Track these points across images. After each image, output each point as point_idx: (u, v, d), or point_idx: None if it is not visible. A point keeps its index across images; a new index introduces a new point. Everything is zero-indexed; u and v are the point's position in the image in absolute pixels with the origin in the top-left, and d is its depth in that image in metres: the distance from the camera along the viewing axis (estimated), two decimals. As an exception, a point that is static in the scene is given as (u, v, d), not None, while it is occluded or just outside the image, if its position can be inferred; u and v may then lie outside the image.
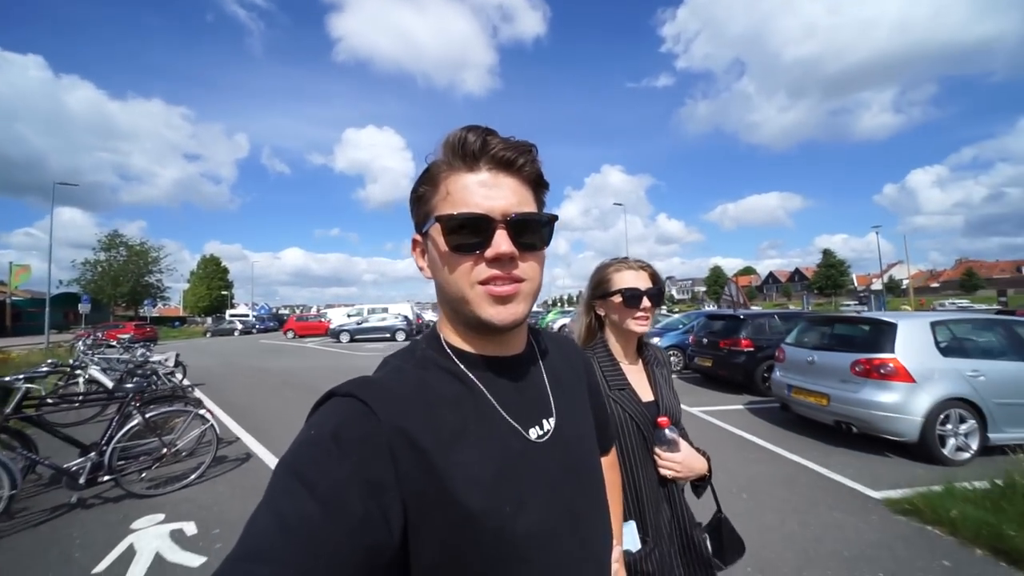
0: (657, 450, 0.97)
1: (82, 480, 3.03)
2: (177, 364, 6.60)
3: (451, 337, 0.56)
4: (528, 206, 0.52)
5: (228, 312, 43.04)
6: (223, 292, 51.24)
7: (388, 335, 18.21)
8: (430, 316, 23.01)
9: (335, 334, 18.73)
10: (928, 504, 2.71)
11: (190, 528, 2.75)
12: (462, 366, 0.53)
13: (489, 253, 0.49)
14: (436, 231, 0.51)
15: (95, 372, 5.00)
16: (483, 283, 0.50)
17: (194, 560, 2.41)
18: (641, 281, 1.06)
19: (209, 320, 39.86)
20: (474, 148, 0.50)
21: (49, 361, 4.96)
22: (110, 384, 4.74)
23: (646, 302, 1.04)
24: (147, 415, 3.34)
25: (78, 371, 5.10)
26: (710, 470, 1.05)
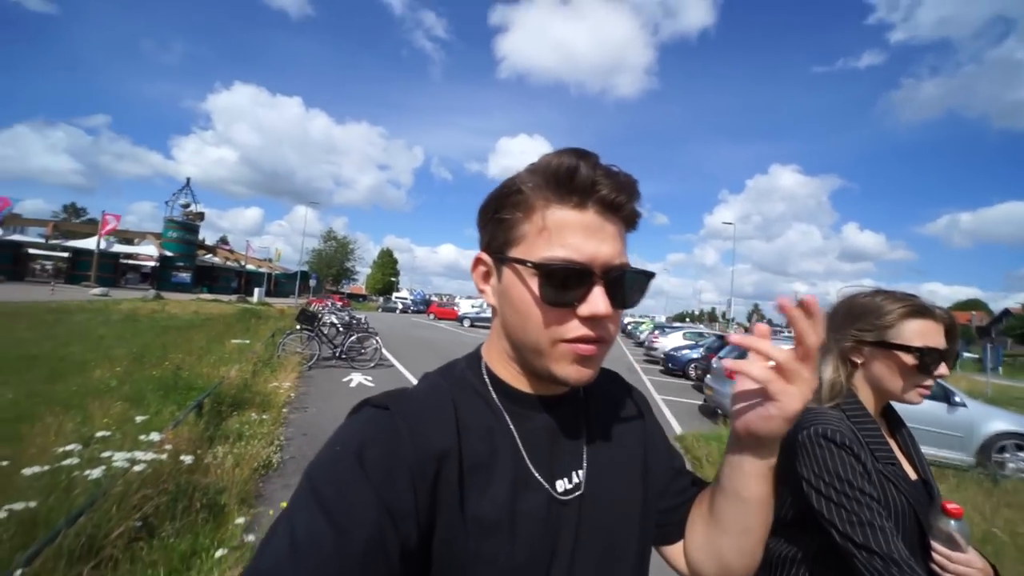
0: (939, 548, 0.72)
1: (335, 357, 7.63)
2: (367, 326, 11.68)
3: (494, 365, 0.52)
4: (625, 257, 0.47)
5: (394, 294, 55.03)
6: (392, 278, 65.16)
7: (486, 322, 22.89)
8: None
9: (460, 319, 24.66)
10: (692, 443, 4.89)
11: (368, 378, 6.86)
12: (496, 398, 0.50)
13: (584, 311, 0.44)
14: (526, 271, 0.45)
15: (334, 318, 9.86)
16: (570, 341, 0.45)
17: (370, 384, 6.36)
18: (940, 337, 0.81)
19: (381, 299, 51.81)
20: (585, 184, 0.44)
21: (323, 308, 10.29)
22: (341, 326, 9.48)
23: (943, 369, 0.80)
24: (357, 335, 7.90)
25: (322, 329, 10.11)
26: None
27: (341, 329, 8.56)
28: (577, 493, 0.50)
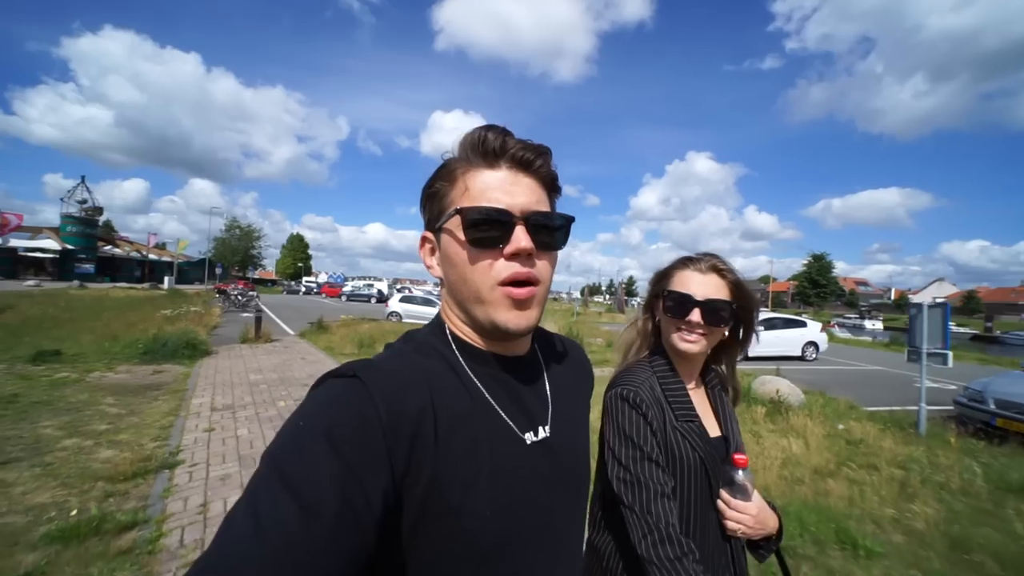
0: (725, 496, 0.79)
1: (239, 306, 16.62)
2: (257, 295, 20.16)
3: (456, 328, 0.55)
4: (544, 206, 0.52)
5: (304, 279, 60.15)
6: (300, 264, 69.39)
7: (366, 298, 32.39)
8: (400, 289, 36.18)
9: (340, 295, 34.21)
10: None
11: (248, 313, 15.47)
12: (462, 360, 0.52)
13: (509, 249, 0.48)
14: (455, 224, 0.50)
15: (237, 294, 18.40)
16: (502, 284, 0.49)
17: (249, 315, 15.06)
18: (706, 288, 0.84)
19: (284, 283, 57.07)
20: (495, 146, 0.50)
21: (232, 288, 18.60)
22: (240, 295, 18.11)
23: (695, 315, 0.83)
24: (248, 299, 17.02)
25: (231, 295, 18.58)
26: (781, 529, 0.85)
27: (240, 298, 17.50)
28: (545, 443, 0.54)
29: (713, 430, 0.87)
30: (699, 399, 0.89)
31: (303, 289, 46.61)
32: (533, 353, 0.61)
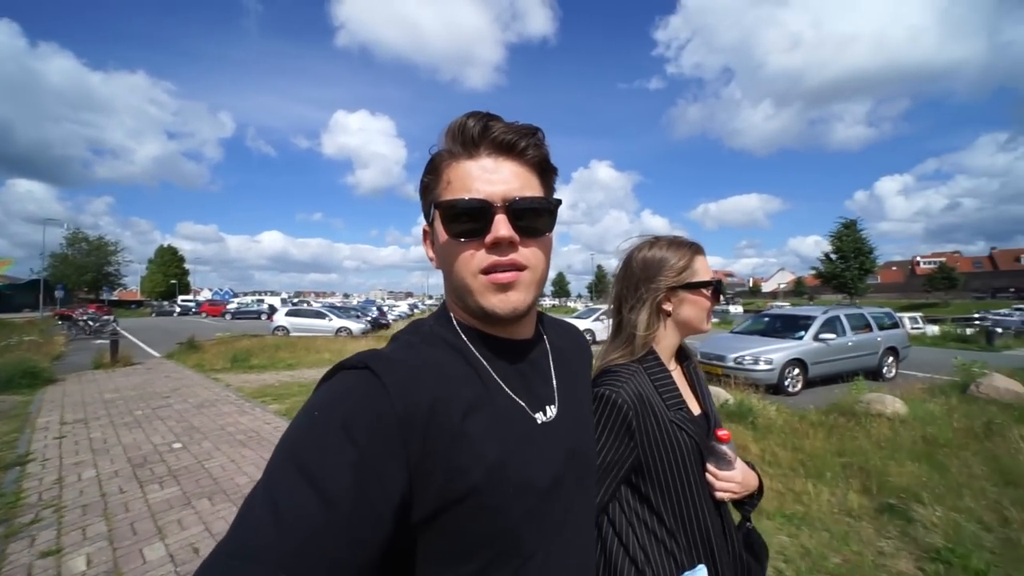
0: (712, 469, 0.83)
1: (90, 333, 14.83)
2: (114, 319, 17.99)
3: (461, 316, 0.56)
4: (531, 191, 0.51)
5: (180, 297, 52.76)
6: (173, 280, 60.52)
7: (255, 315, 29.95)
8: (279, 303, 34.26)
9: (223, 314, 31.44)
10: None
11: (103, 341, 14.07)
12: (470, 345, 0.53)
13: (488, 238, 0.48)
14: (438, 219, 0.51)
15: (87, 318, 16.34)
16: (485, 272, 0.50)
17: (103, 342, 13.72)
18: (709, 266, 0.91)
19: (155, 303, 49.60)
20: (474, 133, 0.49)
21: (82, 313, 16.45)
22: (91, 321, 16.17)
23: (720, 298, 0.91)
24: (102, 324, 15.29)
25: (80, 321, 16.40)
26: (761, 485, 0.93)
27: (91, 323, 15.72)
28: (554, 422, 0.56)
29: (695, 408, 0.89)
30: (678, 378, 0.90)
31: (178, 310, 41.10)
32: (538, 336, 0.63)
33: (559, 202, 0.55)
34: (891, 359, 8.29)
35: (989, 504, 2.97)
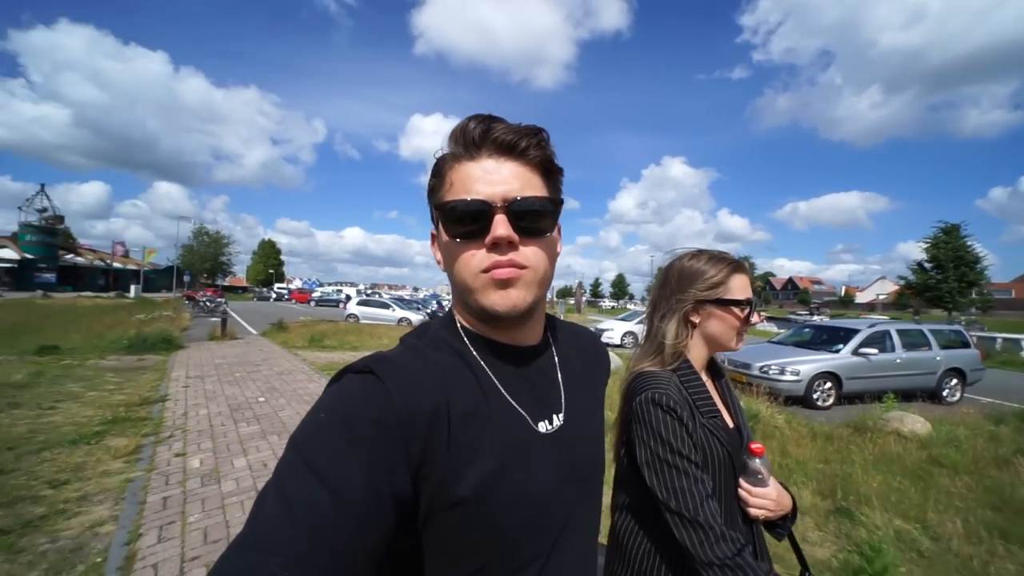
0: (745, 484, 0.83)
1: (207, 312, 17.84)
2: (225, 301, 21.53)
3: (466, 320, 0.56)
4: (533, 191, 0.51)
5: (275, 285, 60.56)
6: (271, 270, 69.36)
7: (335, 303, 33.57)
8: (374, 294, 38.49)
9: (308, 301, 35.67)
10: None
11: (216, 318, 17.03)
12: (473, 351, 0.54)
13: (488, 239, 0.49)
14: (441, 220, 0.52)
15: (206, 300, 19.83)
16: (485, 271, 0.50)
17: (215, 319, 16.63)
18: (750, 287, 0.92)
19: (256, 289, 57.40)
20: (475, 135, 0.50)
21: (201, 295, 20.07)
22: (208, 303, 19.58)
23: (755, 316, 0.92)
24: (216, 305, 18.44)
25: (200, 301, 19.98)
26: (795, 508, 0.90)
27: (209, 304, 18.99)
28: (557, 433, 0.55)
29: (728, 421, 0.88)
30: (711, 392, 0.90)
31: (274, 295, 47.54)
32: (546, 342, 0.62)
33: (559, 201, 0.54)
34: (955, 381, 7.54)
35: (961, 522, 2.99)
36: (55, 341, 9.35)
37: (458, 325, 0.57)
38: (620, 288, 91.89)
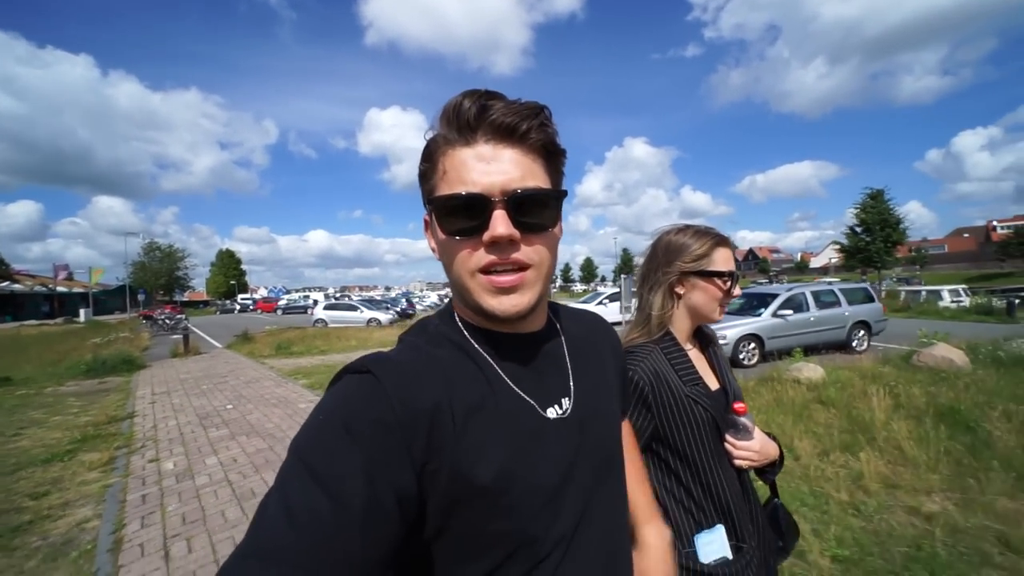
0: (731, 439, 0.90)
1: (167, 329, 17.49)
2: (186, 318, 20.92)
3: (464, 313, 0.54)
4: (535, 179, 0.47)
5: (239, 296, 58.46)
6: (232, 281, 66.78)
7: (302, 309, 32.88)
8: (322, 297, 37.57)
9: (275, 309, 35.00)
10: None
11: (177, 336, 16.67)
12: (475, 344, 0.52)
13: (485, 237, 0.46)
14: (434, 214, 0.49)
15: (165, 318, 19.25)
16: (484, 271, 0.47)
17: (177, 337, 16.28)
18: (732, 261, 0.96)
19: (218, 302, 55.31)
20: (469, 116, 0.46)
21: (161, 314, 19.43)
22: (168, 320, 19.04)
23: (737, 289, 0.95)
24: (176, 322, 17.89)
25: (159, 320, 19.40)
26: (782, 453, 0.98)
27: (168, 322, 18.45)
28: (567, 417, 0.53)
29: (713, 384, 0.94)
30: (696, 357, 0.96)
31: (238, 307, 46.04)
32: (550, 327, 0.60)
33: (563, 192, 0.51)
34: (862, 332, 8.64)
35: (814, 442, 3.77)
36: (5, 373, 9.12)
37: (457, 319, 0.55)
38: (589, 271, 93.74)
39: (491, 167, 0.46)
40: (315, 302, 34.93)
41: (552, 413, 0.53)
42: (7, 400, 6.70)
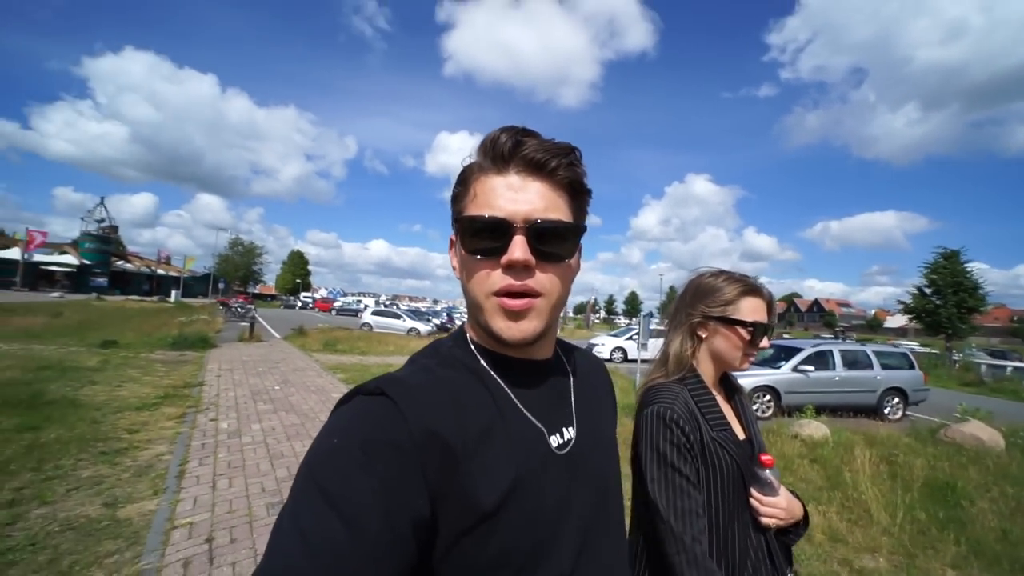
0: (756, 494, 0.85)
1: (238, 316, 19.80)
2: (255, 308, 23.47)
3: (477, 336, 0.56)
4: (558, 213, 0.50)
5: (301, 294, 63.77)
6: (300, 279, 72.94)
7: (354, 312, 35.38)
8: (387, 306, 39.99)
9: (330, 310, 37.87)
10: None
11: (245, 323, 18.79)
12: (487, 367, 0.53)
13: (503, 260, 0.48)
14: (459, 231, 0.51)
15: (237, 307, 21.79)
16: (497, 294, 0.49)
17: (244, 324, 18.40)
18: (765, 313, 0.94)
19: (283, 298, 60.61)
20: (504, 149, 0.49)
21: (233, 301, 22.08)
22: (240, 308, 21.52)
23: (765, 342, 0.94)
24: (246, 311, 20.13)
25: (233, 307, 21.97)
26: (807, 515, 0.93)
27: (240, 310, 20.71)
28: (572, 447, 0.54)
29: (739, 434, 0.91)
30: (723, 406, 0.93)
31: (299, 304, 50.29)
32: (557, 359, 0.61)
33: (581, 227, 0.53)
34: (896, 400, 8.14)
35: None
36: (114, 337, 11.09)
37: (470, 341, 0.56)
38: (633, 305, 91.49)
39: (518, 196, 0.49)
40: (366, 306, 37.64)
41: (555, 441, 0.53)
42: (114, 359, 8.28)
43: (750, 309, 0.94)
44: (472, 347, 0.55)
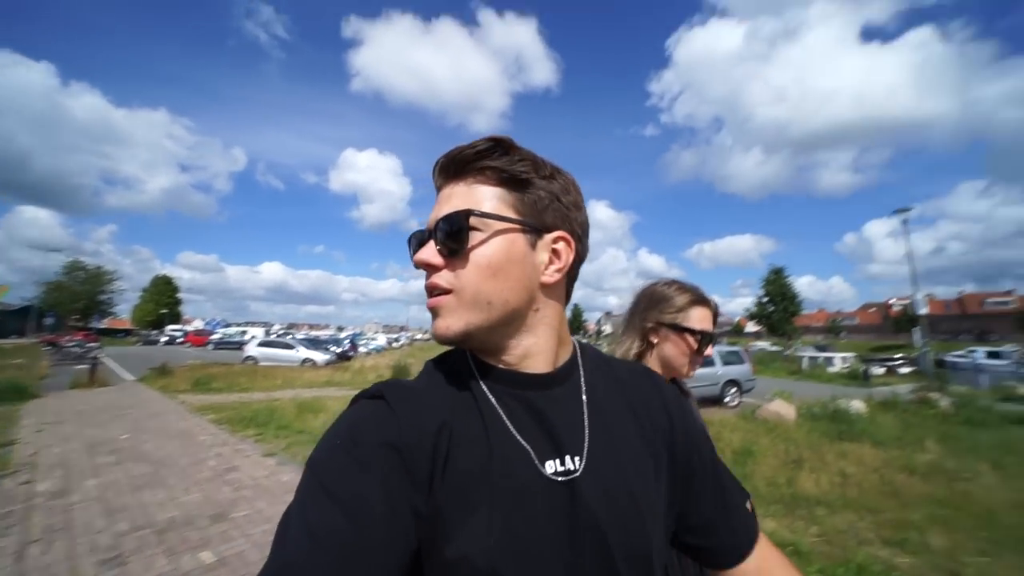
0: None
1: (75, 358, 16.17)
2: (100, 347, 19.48)
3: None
4: (465, 206, 0.48)
5: (170, 327, 54.11)
6: (164, 310, 61.92)
7: (237, 346, 31.12)
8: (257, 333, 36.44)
9: (205, 344, 32.92)
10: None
11: (87, 366, 15.52)
12: (477, 375, 0.52)
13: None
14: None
15: (74, 346, 17.91)
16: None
17: (85, 366, 15.19)
18: (710, 323, 1.00)
19: (142, 333, 50.94)
20: (434, 171, 0.52)
21: (70, 341, 17.97)
22: (77, 348, 17.74)
23: (710, 350, 0.99)
24: (86, 351, 16.64)
25: (65, 347, 17.99)
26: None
27: (76, 349, 17.11)
28: (572, 475, 0.47)
29: None
30: None
31: (164, 339, 42.44)
32: (566, 372, 0.54)
33: (466, 212, 0.48)
34: (733, 390, 10.04)
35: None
36: None
37: (467, 353, 0.54)
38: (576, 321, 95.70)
39: (440, 206, 0.50)
40: (252, 338, 33.38)
41: (550, 468, 0.47)
42: None
43: (698, 318, 1.00)
44: (468, 357, 0.53)
